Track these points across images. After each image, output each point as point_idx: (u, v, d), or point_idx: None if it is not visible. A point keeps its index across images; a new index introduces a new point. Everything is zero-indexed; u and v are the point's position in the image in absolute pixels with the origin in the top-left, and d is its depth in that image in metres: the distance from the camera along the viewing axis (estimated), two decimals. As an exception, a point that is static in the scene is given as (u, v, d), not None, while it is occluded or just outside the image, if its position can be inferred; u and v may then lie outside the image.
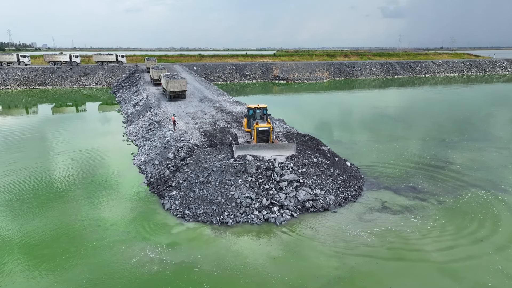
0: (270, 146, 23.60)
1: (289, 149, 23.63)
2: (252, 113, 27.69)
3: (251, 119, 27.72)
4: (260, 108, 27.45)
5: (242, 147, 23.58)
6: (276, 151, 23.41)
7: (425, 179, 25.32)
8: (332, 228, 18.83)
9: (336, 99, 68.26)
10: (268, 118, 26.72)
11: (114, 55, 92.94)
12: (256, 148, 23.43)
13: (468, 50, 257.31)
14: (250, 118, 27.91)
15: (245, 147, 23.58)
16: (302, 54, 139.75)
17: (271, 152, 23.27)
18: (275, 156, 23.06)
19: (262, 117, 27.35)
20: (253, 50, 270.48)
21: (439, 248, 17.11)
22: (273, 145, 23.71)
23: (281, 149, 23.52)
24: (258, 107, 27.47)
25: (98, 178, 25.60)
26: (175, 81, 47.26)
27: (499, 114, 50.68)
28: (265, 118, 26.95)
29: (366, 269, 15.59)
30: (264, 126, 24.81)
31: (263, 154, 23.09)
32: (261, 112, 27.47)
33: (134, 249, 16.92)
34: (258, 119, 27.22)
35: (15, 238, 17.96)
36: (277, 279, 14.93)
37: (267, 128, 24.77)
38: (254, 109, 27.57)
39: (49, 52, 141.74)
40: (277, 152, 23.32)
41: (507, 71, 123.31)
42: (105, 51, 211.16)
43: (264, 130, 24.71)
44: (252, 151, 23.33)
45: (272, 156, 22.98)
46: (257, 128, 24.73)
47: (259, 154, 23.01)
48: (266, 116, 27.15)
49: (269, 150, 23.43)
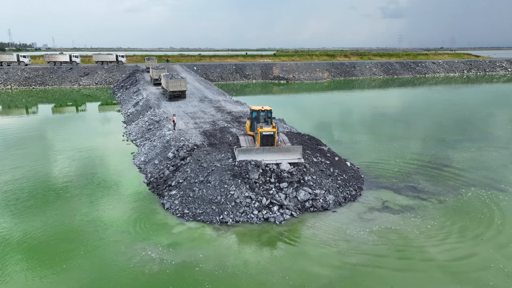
0: (275, 150, 22.34)
1: (295, 153, 22.41)
2: (256, 115, 25.44)
3: (255, 122, 25.57)
4: (265, 111, 25.16)
5: (245, 150, 22.28)
6: (281, 155, 22.21)
7: (425, 179, 25.31)
8: (333, 228, 18.82)
9: (336, 99, 68.23)
10: (273, 121, 25.33)
11: (114, 55, 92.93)
12: (259, 152, 22.15)
13: (468, 50, 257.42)
14: (254, 121, 25.68)
15: (248, 150, 22.28)
16: (302, 54, 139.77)
17: (275, 156, 22.08)
18: (280, 160, 22.02)
19: (267, 120, 25.18)
20: (253, 50, 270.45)
21: (440, 247, 17.11)
22: (278, 149, 22.48)
23: (286, 153, 22.31)
24: (263, 109, 25.21)
25: (98, 178, 25.60)
26: (175, 81, 47.27)
27: (499, 114, 50.65)
28: (269, 122, 24.99)
29: (368, 268, 15.59)
30: (269, 131, 23.17)
31: (267, 158, 21.97)
32: (265, 115, 25.20)
33: (134, 249, 16.91)
34: (262, 122, 25.17)
35: (15, 238, 17.94)
36: (278, 278, 14.92)
37: (272, 133, 23.17)
38: (258, 112, 25.31)
39: (49, 52, 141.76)
40: (282, 156, 22.15)
41: (507, 71, 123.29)
42: (105, 51, 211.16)
43: (269, 134, 23.13)
44: (256, 155, 22.09)
45: (276, 161, 21.96)
46: (261, 132, 23.10)
47: (262, 158, 21.94)
48: (271, 119, 25.23)
49: (274, 154, 22.18)
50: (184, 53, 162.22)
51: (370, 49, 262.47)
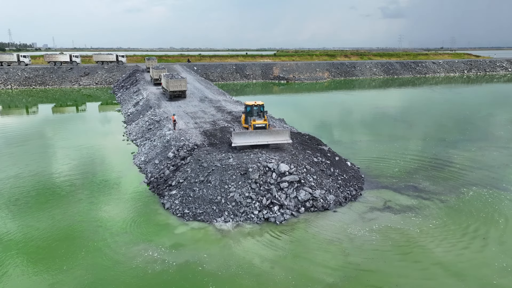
0: (266, 133, 24.49)
1: (284, 135, 24.31)
2: (250, 109, 28.51)
3: (249, 116, 28.61)
4: (258, 105, 28.28)
5: (240, 133, 24.26)
6: (272, 137, 24.21)
7: (426, 179, 25.25)
8: (334, 227, 18.78)
9: (336, 99, 68.19)
10: (265, 115, 27.97)
11: (115, 55, 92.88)
12: (253, 134, 24.16)
13: (468, 50, 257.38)
14: (248, 114, 28.76)
15: (242, 133, 24.33)
16: (303, 54, 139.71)
17: (266, 138, 24.08)
18: (270, 141, 24.01)
19: (259, 114, 28.22)
20: (253, 50, 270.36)
21: (443, 246, 17.08)
22: (269, 132, 24.64)
23: (276, 135, 24.34)
24: (256, 104, 28.34)
25: (98, 178, 25.55)
26: (175, 81, 47.21)
27: (499, 114, 50.60)
28: (262, 115, 28.02)
29: (373, 268, 15.54)
30: (261, 123, 26.41)
31: (259, 140, 23.89)
32: (258, 109, 28.30)
33: (136, 249, 16.83)
34: (255, 115, 28.20)
35: (15, 239, 17.87)
36: (281, 278, 14.88)
37: (264, 125, 26.34)
38: (251, 106, 28.41)
39: (50, 52, 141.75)
40: (273, 138, 24.12)
41: (507, 71, 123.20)
42: (105, 51, 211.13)
43: (261, 126, 26.24)
44: (249, 137, 23.98)
45: (268, 141, 23.96)
46: (254, 124, 26.35)
47: (255, 140, 23.89)
48: (263, 113, 28.10)
49: (265, 136, 24.23)
50: (184, 53, 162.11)
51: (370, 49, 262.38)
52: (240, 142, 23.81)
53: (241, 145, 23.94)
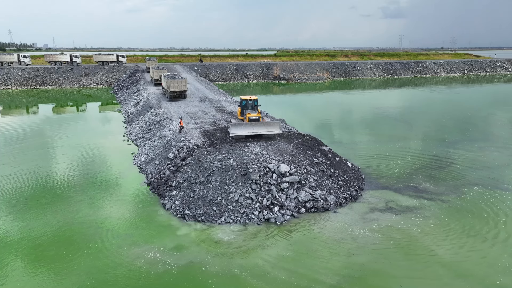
0: (259, 124, 27.34)
1: (275, 127, 27.11)
2: (245, 103, 31.48)
3: (244, 109, 31.62)
4: (252, 100, 31.24)
5: (237, 125, 27.25)
6: (264, 128, 27.06)
7: (427, 179, 25.22)
8: (335, 228, 18.75)
9: (337, 99, 68.15)
10: (258, 108, 31.12)
11: (115, 55, 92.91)
12: (248, 125, 27.08)
13: (468, 50, 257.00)
14: (243, 108, 31.74)
15: (239, 125, 27.41)
16: (303, 54, 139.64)
17: (260, 129, 26.89)
18: (263, 132, 26.79)
19: (254, 107, 31.13)
20: (253, 50, 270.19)
21: (446, 246, 17.07)
22: (262, 123, 27.53)
23: (269, 127, 27.18)
24: (250, 98, 31.35)
25: (98, 178, 25.53)
26: (176, 81, 47.17)
27: (500, 114, 50.55)
28: (255, 108, 31.03)
29: (377, 268, 15.52)
30: (255, 116, 29.44)
31: (253, 130, 26.68)
32: (252, 103, 31.23)
33: (138, 251, 16.77)
34: (250, 109, 31.21)
35: (15, 240, 17.83)
36: (284, 278, 14.85)
37: (257, 118, 29.35)
38: (246, 100, 31.42)
39: (50, 52, 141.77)
40: (265, 129, 27.02)
41: (507, 71, 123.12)
42: (105, 51, 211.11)
43: (255, 118, 29.23)
44: (245, 128, 26.75)
45: (261, 132, 26.72)
46: (249, 117, 29.34)
47: (250, 131, 26.64)
48: (257, 106, 31.08)
49: (259, 127, 27.02)
50: (185, 53, 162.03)
51: (370, 49, 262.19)
52: (237, 132, 26.61)
53: (238, 135, 26.59)
